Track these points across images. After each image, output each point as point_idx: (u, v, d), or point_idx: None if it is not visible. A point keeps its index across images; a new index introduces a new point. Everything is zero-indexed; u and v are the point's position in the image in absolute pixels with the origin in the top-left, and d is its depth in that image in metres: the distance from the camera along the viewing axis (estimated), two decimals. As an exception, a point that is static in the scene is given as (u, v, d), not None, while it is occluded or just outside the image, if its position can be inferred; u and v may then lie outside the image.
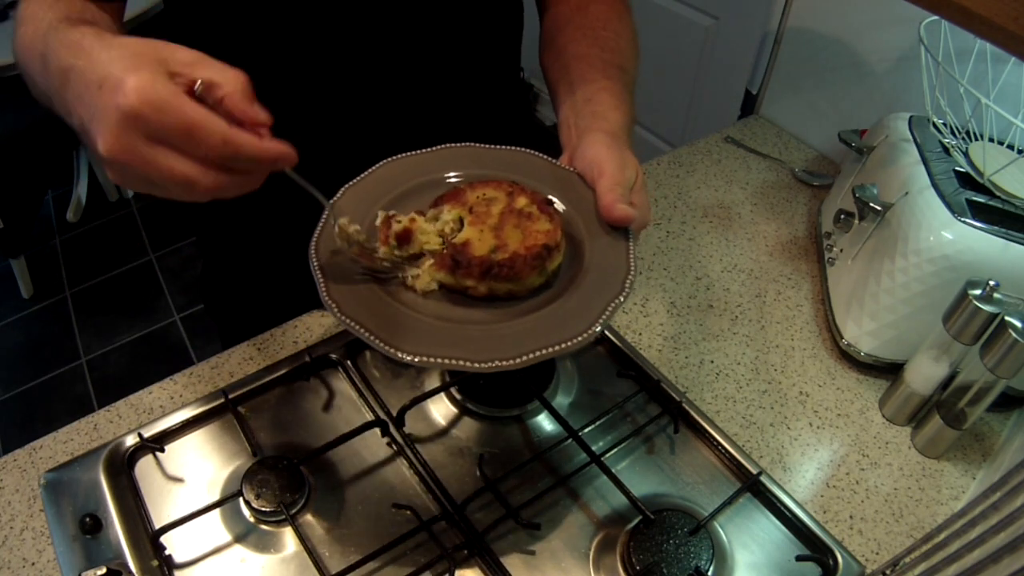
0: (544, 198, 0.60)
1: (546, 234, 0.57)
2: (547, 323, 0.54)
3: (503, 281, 0.56)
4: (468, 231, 0.58)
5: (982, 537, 0.45)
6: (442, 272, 0.56)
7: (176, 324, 2.29)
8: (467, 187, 0.61)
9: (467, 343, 0.52)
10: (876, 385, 0.79)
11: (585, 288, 0.57)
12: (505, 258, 0.56)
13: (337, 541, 0.64)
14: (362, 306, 0.54)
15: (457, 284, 0.56)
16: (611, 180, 0.60)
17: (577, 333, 0.52)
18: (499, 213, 0.59)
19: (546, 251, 0.56)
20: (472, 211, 0.59)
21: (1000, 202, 0.75)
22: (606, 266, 0.58)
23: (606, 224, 0.60)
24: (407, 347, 0.51)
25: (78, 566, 0.60)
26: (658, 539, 0.62)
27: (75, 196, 2.61)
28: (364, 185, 0.63)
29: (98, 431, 0.71)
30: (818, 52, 1.08)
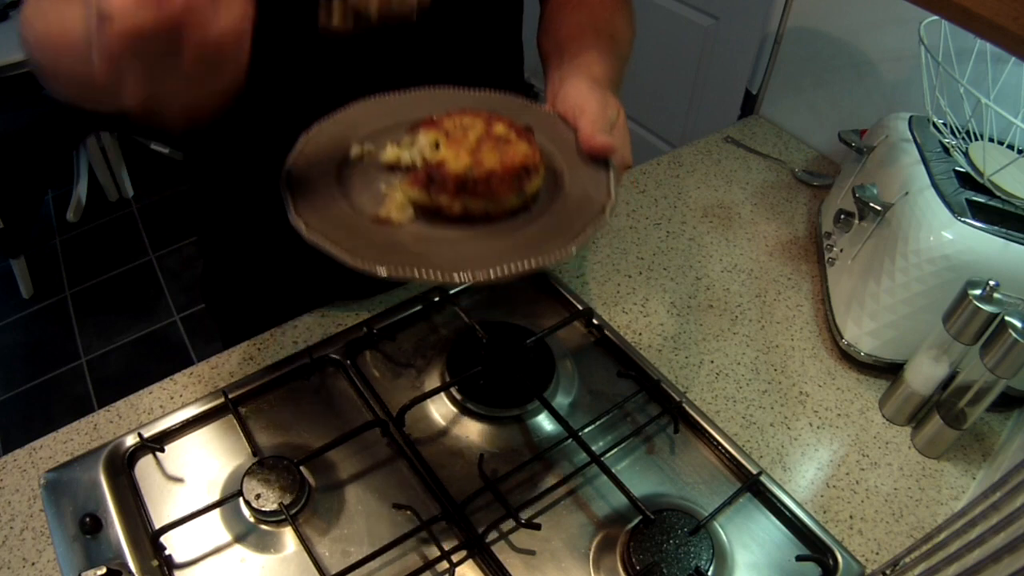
0: (524, 125, 0.59)
1: (524, 155, 0.56)
2: (522, 241, 0.53)
3: (479, 199, 0.55)
4: (444, 151, 0.56)
5: (982, 537, 0.45)
6: (416, 189, 0.55)
7: (176, 324, 2.29)
8: (444, 116, 0.60)
9: (439, 257, 0.51)
10: (876, 385, 0.79)
11: (563, 212, 0.56)
12: (481, 174, 0.54)
13: (337, 541, 0.64)
14: (332, 225, 0.53)
15: (431, 203, 0.55)
16: (591, 116, 0.59)
17: (554, 250, 0.51)
18: (477, 138, 0.57)
19: (524, 171, 0.55)
20: (449, 136, 0.57)
21: (1000, 202, 0.75)
22: (585, 194, 0.57)
23: (587, 158, 0.59)
24: (377, 261, 0.49)
25: (78, 566, 0.60)
26: (658, 539, 0.62)
27: (75, 196, 2.61)
28: (339, 122, 0.62)
29: (98, 431, 0.71)
30: (818, 52, 1.08)
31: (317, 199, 0.55)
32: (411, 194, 0.55)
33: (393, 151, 0.59)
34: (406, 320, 0.81)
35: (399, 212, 0.55)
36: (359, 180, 0.58)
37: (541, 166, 0.57)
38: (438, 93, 0.66)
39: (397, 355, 0.78)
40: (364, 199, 0.57)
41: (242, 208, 0.87)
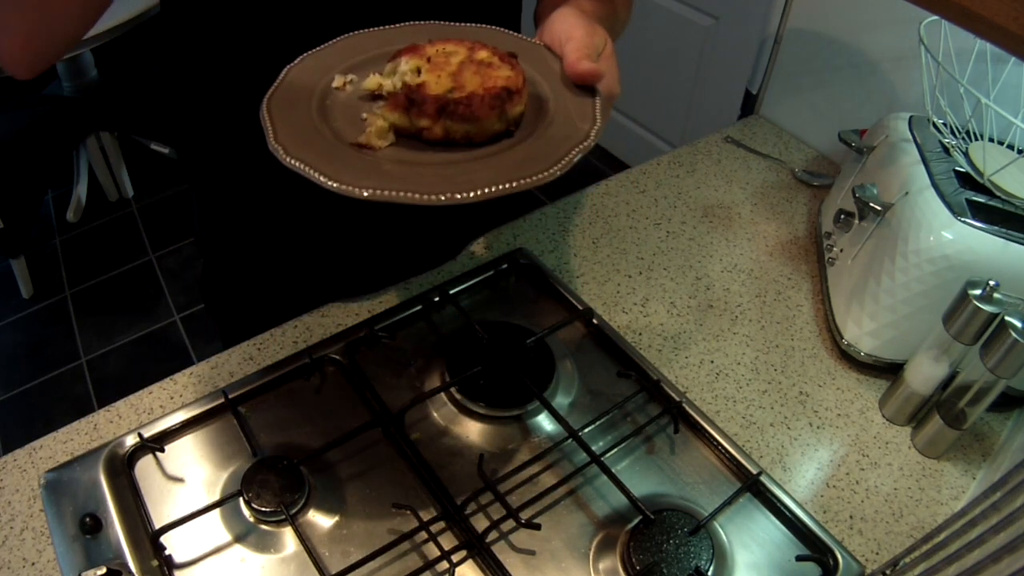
0: (507, 52, 0.59)
1: (507, 79, 0.56)
2: (507, 163, 0.53)
3: (460, 121, 0.54)
4: (425, 76, 0.56)
5: (982, 537, 0.45)
6: (396, 113, 0.54)
7: (176, 324, 2.29)
8: (426, 43, 0.59)
9: (422, 180, 0.51)
10: (876, 385, 0.79)
11: (548, 137, 0.55)
12: (462, 96, 0.54)
13: (337, 541, 0.64)
14: (312, 151, 0.52)
15: (412, 126, 0.55)
16: (578, 43, 0.58)
17: (537, 171, 0.51)
18: (459, 63, 0.57)
19: (506, 93, 0.55)
20: (430, 61, 0.57)
21: (1000, 202, 0.75)
22: (571, 120, 0.56)
23: (573, 86, 0.58)
24: (358, 184, 0.49)
25: (78, 566, 0.60)
26: (658, 539, 0.62)
27: (75, 196, 2.61)
28: (322, 54, 0.62)
29: (98, 431, 0.71)
30: (818, 52, 1.08)
31: (297, 126, 0.55)
32: (391, 118, 0.55)
33: (375, 79, 0.59)
34: (406, 320, 0.81)
35: (379, 138, 0.54)
36: (341, 109, 0.58)
37: (525, 90, 0.57)
38: (424, 27, 0.65)
39: (397, 355, 0.78)
40: (345, 126, 0.56)
41: (242, 208, 0.87)
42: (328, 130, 0.55)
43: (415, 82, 0.55)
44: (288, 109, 0.56)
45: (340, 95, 0.59)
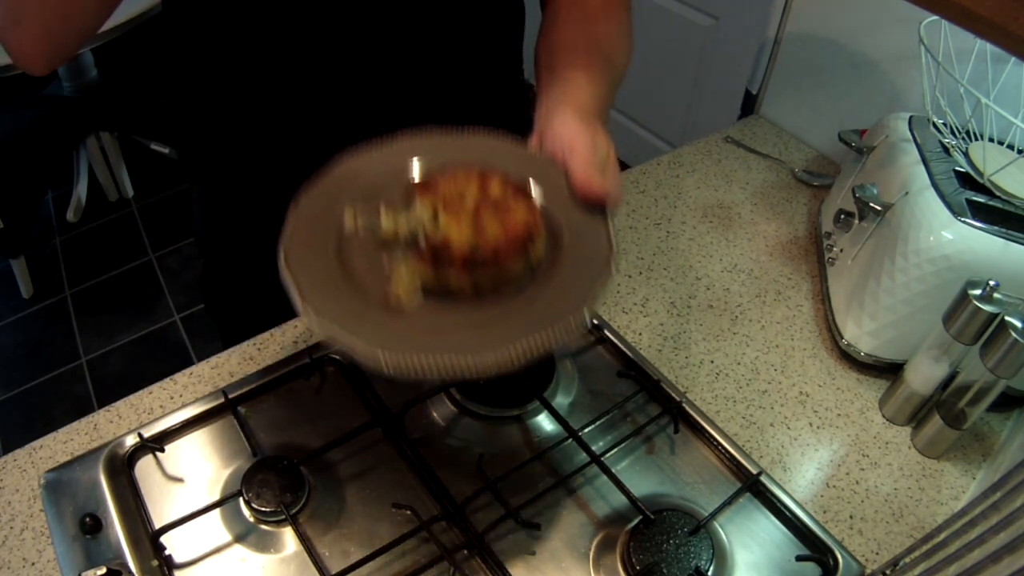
0: (517, 184, 0.58)
1: (526, 222, 0.55)
2: (537, 312, 0.53)
3: (488, 273, 0.54)
4: (446, 224, 0.55)
5: (982, 537, 0.45)
6: (423, 268, 0.54)
7: (176, 324, 2.29)
8: (436, 177, 0.59)
9: (461, 341, 0.51)
10: (876, 385, 0.79)
11: (568, 273, 0.55)
12: (488, 248, 0.53)
13: (337, 541, 0.64)
14: (345, 314, 0.51)
15: (440, 281, 0.55)
16: (583, 158, 0.58)
17: (567, 320, 0.51)
18: (474, 203, 0.56)
19: (528, 239, 0.55)
20: (446, 203, 0.56)
21: (1000, 202, 0.75)
22: (587, 248, 0.56)
23: (581, 203, 0.58)
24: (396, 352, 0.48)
25: (78, 566, 0.60)
26: (658, 539, 0.62)
27: (75, 196, 2.61)
28: (324, 188, 0.60)
29: (98, 431, 0.71)
30: (818, 52, 1.07)
31: (321, 284, 0.54)
32: (418, 273, 0.55)
33: (389, 222, 0.58)
34: (406, 320, 0.81)
35: (408, 292, 0.54)
36: (358, 254, 0.57)
37: (542, 228, 0.57)
38: (421, 142, 0.65)
39: (397, 355, 0.78)
40: (368, 277, 0.56)
41: (242, 208, 0.87)
42: (352, 284, 0.55)
43: (438, 235, 0.54)
44: (308, 259, 0.55)
45: (354, 238, 0.58)
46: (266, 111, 0.75)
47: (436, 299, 0.55)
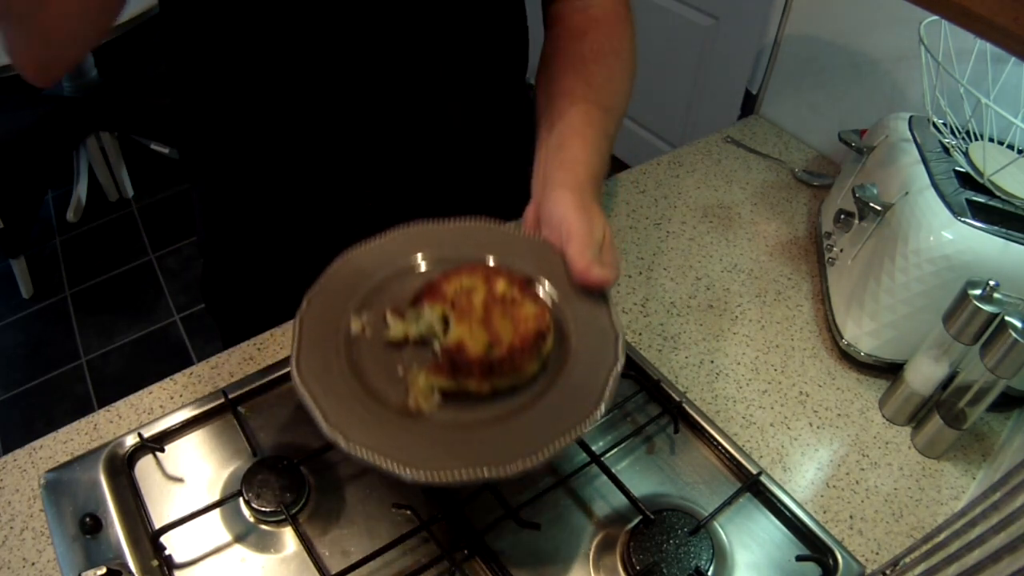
0: (521, 279, 0.60)
1: (536, 319, 0.57)
2: (554, 410, 0.54)
3: (505, 376, 0.55)
4: (458, 329, 0.56)
5: (982, 537, 0.45)
6: (441, 377, 0.55)
7: (176, 324, 2.29)
8: (441, 278, 0.59)
9: (483, 448, 0.52)
10: (876, 385, 0.79)
11: (578, 363, 0.57)
12: (503, 353, 0.55)
13: (337, 541, 0.64)
14: (369, 430, 0.52)
15: (459, 387, 0.56)
16: (580, 244, 0.60)
17: (585, 415, 0.53)
18: (482, 304, 0.58)
19: (540, 337, 0.56)
20: (454, 306, 0.58)
21: (1000, 202, 0.75)
22: (593, 336, 0.58)
23: (580, 288, 0.60)
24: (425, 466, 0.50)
25: (78, 566, 0.60)
26: (658, 539, 0.62)
27: (75, 196, 2.62)
28: (328, 289, 0.61)
29: (98, 431, 0.71)
30: (818, 52, 1.07)
31: (338, 397, 0.54)
32: (436, 382, 0.55)
33: (399, 327, 0.59)
34: (406, 320, 0.81)
35: (426, 400, 0.55)
36: (369, 360, 0.58)
37: (551, 323, 0.58)
38: (415, 232, 0.65)
39: (397, 355, 0.78)
40: (381, 380, 0.56)
41: (242, 208, 0.87)
42: (368, 393, 0.55)
43: (452, 342, 0.56)
44: (323, 375, 0.55)
45: (362, 341, 0.59)
46: (266, 111, 0.75)
47: (452, 399, 0.56)
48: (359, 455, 0.50)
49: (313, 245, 0.86)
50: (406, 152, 0.80)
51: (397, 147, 0.79)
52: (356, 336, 0.59)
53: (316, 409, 0.52)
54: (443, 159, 0.83)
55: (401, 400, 0.55)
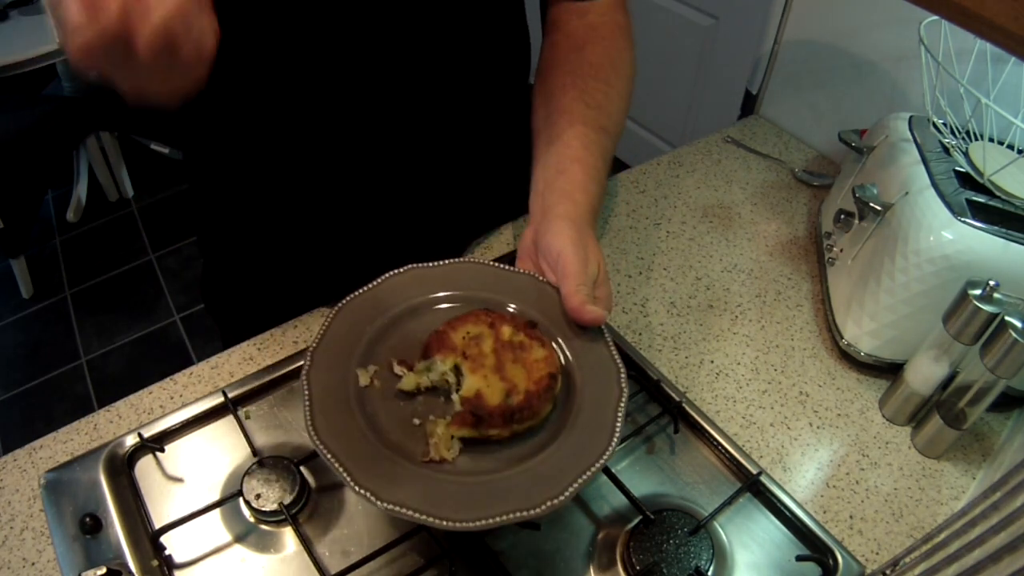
0: (524, 322, 0.62)
1: (546, 362, 0.59)
2: (571, 447, 0.56)
3: (525, 421, 0.57)
4: (473, 380, 0.58)
5: (982, 537, 0.45)
6: (464, 428, 0.56)
7: (176, 324, 2.29)
8: (447, 327, 0.61)
9: (510, 492, 0.53)
10: (876, 385, 0.79)
11: (587, 400, 0.59)
12: (521, 400, 0.56)
13: (337, 541, 0.64)
14: (395, 484, 0.53)
15: (482, 436, 0.57)
16: (575, 280, 0.61)
17: (601, 449, 0.54)
18: (492, 351, 0.59)
19: (553, 380, 0.58)
20: (465, 356, 0.59)
21: (1000, 202, 0.75)
22: (596, 370, 0.60)
23: (576, 325, 0.62)
24: (458, 516, 0.51)
25: (78, 566, 0.60)
26: (658, 539, 0.62)
27: (75, 196, 2.62)
28: (329, 343, 0.61)
29: (98, 431, 0.71)
30: (818, 52, 1.07)
31: (359, 452, 0.54)
32: (460, 433, 0.56)
33: (411, 379, 0.59)
34: (406, 320, 0.81)
35: (448, 450, 0.56)
36: (383, 412, 0.58)
37: (560, 364, 0.60)
38: (408, 278, 0.66)
39: (397, 355, 0.78)
40: (398, 434, 0.57)
41: (242, 208, 0.87)
42: (389, 447, 0.56)
43: (470, 394, 0.57)
44: (341, 433, 0.55)
45: (373, 392, 0.59)
46: (267, 112, 0.75)
47: (470, 444, 0.57)
48: (392, 510, 0.50)
49: (313, 245, 0.86)
50: (408, 153, 0.80)
51: (399, 148, 0.79)
52: (365, 388, 0.59)
53: (341, 469, 0.52)
54: (445, 160, 0.83)
55: (420, 450, 0.56)
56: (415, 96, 0.76)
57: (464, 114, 0.81)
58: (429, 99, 0.77)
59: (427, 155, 0.81)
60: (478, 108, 0.82)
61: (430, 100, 0.77)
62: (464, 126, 0.82)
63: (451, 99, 0.79)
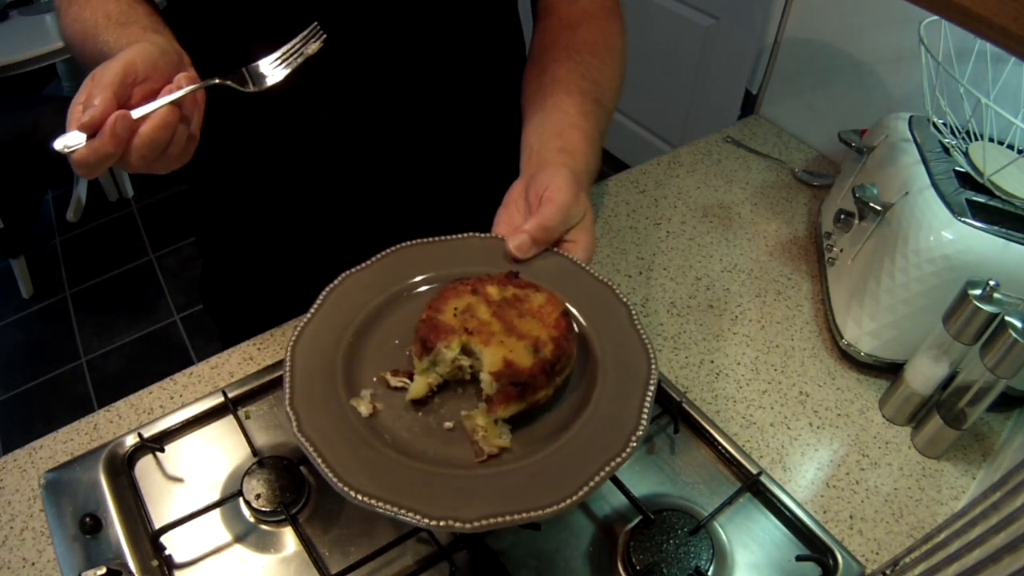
0: (503, 275, 0.58)
1: (552, 303, 0.55)
2: (602, 428, 0.51)
3: (564, 370, 0.53)
4: (492, 352, 0.52)
5: (982, 537, 0.45)
6: (511, 406, 0.51)
7: (176, 324, 2.29)
8: (431, 313, 0.55)
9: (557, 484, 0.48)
10: (876, 385, 0.79)
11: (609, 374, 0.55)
12: (553, 348, 0.52)
13: (337, 541, 0.64)
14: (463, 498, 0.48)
15: (527, 406, 0.52)
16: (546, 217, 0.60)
17: (630, 430, 0.50)
18: (492, 316, 0.54)
19: (566, 317, 0.55)
20: (468, 331, 0.53)
21: (1000, 202, 0.75)
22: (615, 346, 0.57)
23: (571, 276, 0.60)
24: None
25: (78, 566, 0.60)
26: (658, 539, 0.62)
27: (75, 196, 2.61)
28: (304, 388, 0.54)
29: (98, 431, 0.71)
30: (818, 52, 1.07)
31: (396, 487, 0.48)
32: (507, 413, 0.51)
33: (420, 383, 0.54)
34: (406, 320, 0.81)
35: (499, 438, 0.51)
36: (405, 433, 0.53)
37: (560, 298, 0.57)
38: (350, 285, 0.61)
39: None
40: (438, 448, 0.52)
41: (241, 208, 0.87)
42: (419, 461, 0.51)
43: (496, 368, 0.51)
44: (379, 474, 0.49)
45: (383, 419, 0.53)
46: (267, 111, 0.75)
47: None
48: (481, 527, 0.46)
49: (312, 245, 0.86)
50: (405, 151, 0.80)
51: (395, 147, 0.79)
52: (371, 418, 0.53)
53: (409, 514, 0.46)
54: (442, 158, 0.83)
55: (468, 454, 0.51)
56: (411, 95, 0.76)
57: (458, 111, 0.81)
58: (425, 97, 0.77)
59: (424, 152, 0.81)
60: (473, 105, 0.82)
61: (426, 98, 0.77)
62: (458, 123, 0.82)
63: (445, 97, 0.79)
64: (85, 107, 0.50)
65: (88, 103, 0.50)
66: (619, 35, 0.78)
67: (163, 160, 0.54)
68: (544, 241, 0.61)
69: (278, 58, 0.61)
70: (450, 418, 0.54)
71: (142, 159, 0.52)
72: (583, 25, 0.75)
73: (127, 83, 0.52)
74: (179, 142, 0.54)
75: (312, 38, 0.62)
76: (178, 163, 0.56)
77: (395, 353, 0.58)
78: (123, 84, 0.52)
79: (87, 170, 0.50)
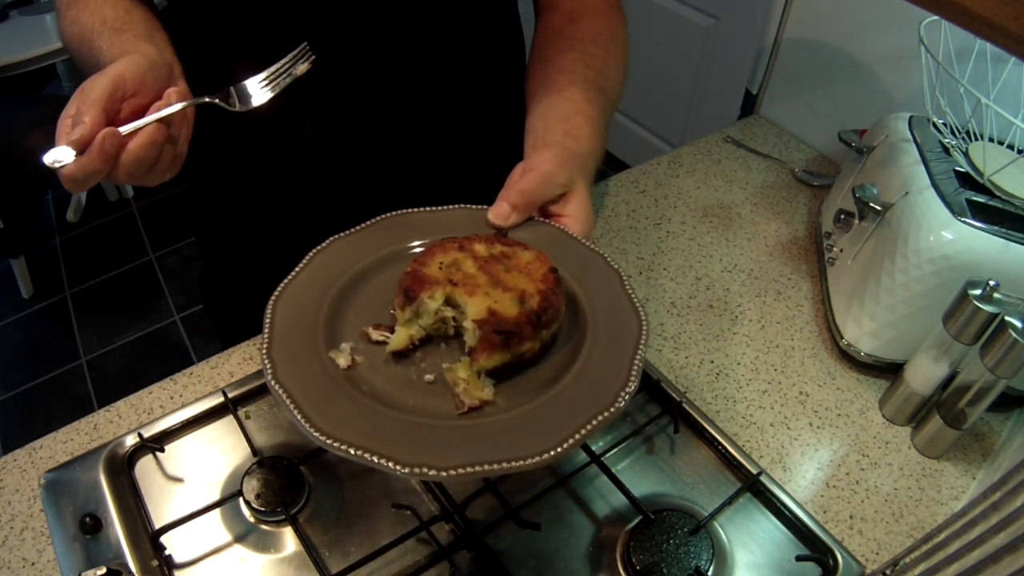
0: (492, 235, 0.57)
1: (540, 260, 0.55)
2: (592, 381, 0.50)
3: (551, 324, 0.52)
4: (476, 302, 0.51)
5: (982, 537, 0.45)
6: (494, 356, 0.50)
7: (176, 324, 2.29)
8: (417, 266, 0.54)
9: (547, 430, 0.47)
10: (876, 385, 0.79)
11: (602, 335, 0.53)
12: (540, 300, 0.51)
13: (337, 541, 0.64)
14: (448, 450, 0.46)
15: (512, 357, 0.51)
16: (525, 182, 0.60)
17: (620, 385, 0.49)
18: (478, 269, 0.53)
19: (554, 274, 0.54)
20: (453, 283, 0.52)
21: (1000, 202, 0.75)
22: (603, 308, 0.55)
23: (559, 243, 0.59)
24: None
25: (78, 566, 0.60)
26: (658, 539, 0.62)
27: (75, 196, 2.61)
28: (283, 339, 0.53)
29: (98, 431, 0.71)
30: (818, 52, 1.07)
31: (377, 437, 0.47)
32: (491, 363, 0.50)
33: (402, 334, 0.53)
34: (406, 320, 0.81)
35: (480, 390, 0.50)
36: (385, 384, 0.51)
37: (547, 256, 0.56)
38: (339, 247, 0.60)
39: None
40: (418, 399, 0.50)
41: (241, 209, 0.87)
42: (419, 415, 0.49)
43: (481, 316, 0.50)
44: (352, 423, 0.48)
45: (362, 371, 0.52)
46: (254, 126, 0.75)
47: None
48: (458, 475, 0.45)
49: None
50: (404, 151, 0.80)
51: (395, 146, 0.79)
52: (349, 369, 0.52)
53: (384, 461, 0.46)
54: (442, 157, 0.83)
55: (448, 406, 0.50)
56: (402, 109, 0.76)
57: (450, 124, 0.81)
58: (415, 112, 0.77)
59: (424, 151, 0.81)
60: (466, 118, 0.82)
61: (416, 113, 0.77)
62: (451, 135, 0.82)
63: (437, 111, 0.79)
64: (74, 123, 0.51)
65: (77, 119, 0.51)
66: (622, 28, 0.78)
67: (150, 175, 0.55)
68: (524, 206, 0.60)
69: (266, 78, 0.61)
70: (431, 371, 0.53)
71: (128, 175, 0.53)
72: (586, 17, 0.76)
73: (116, 98, 0.53)
74: (166, 159, 0.55)
75: (301, 59, 0.62)
76: (165, 177, 0.57)
77: (379, 312, 0.57)
78: (112, 99, 0.52)
79: (75, 185, 0.51)
